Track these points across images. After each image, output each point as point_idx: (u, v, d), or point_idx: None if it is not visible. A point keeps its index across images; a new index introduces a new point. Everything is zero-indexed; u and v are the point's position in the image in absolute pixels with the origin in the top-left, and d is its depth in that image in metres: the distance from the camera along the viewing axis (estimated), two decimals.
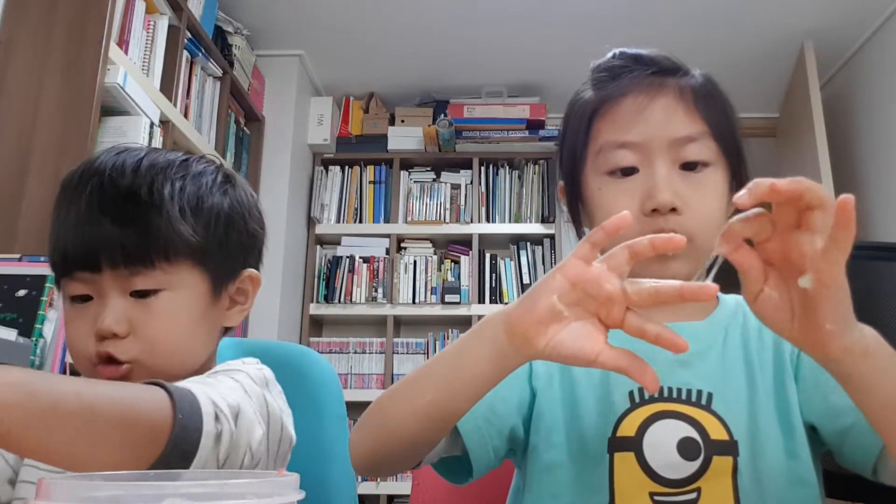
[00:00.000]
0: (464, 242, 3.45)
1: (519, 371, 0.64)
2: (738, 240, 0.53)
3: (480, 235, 3.41)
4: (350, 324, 3.44)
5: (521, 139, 3.45)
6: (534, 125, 3.43)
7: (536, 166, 3.52)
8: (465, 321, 3.33)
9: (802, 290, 0.52)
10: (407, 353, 3.31)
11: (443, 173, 3.53)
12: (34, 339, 1.35)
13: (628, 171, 0.76)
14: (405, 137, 3.51)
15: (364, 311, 3.33)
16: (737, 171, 0.79)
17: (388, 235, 3.41)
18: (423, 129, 3.42)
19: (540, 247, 3.41)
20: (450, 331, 3.35)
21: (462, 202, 3.47)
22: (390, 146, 3.52)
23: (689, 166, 0.75)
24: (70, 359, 0.75)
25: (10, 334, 1.27)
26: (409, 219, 3.44)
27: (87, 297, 0.73)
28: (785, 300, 0.54)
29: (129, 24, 2.07)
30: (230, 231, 0.78)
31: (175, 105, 2.30)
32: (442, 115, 3.43)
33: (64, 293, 0.74)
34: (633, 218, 0.58)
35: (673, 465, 0.71)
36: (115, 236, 0.71)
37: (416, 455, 0.69)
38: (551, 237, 3.40)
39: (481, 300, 3.32)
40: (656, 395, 0.74)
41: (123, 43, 2.04)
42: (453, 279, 3.35)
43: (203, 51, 2.58)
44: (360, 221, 3.47)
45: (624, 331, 0.56)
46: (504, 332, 0.58)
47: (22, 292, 1.39)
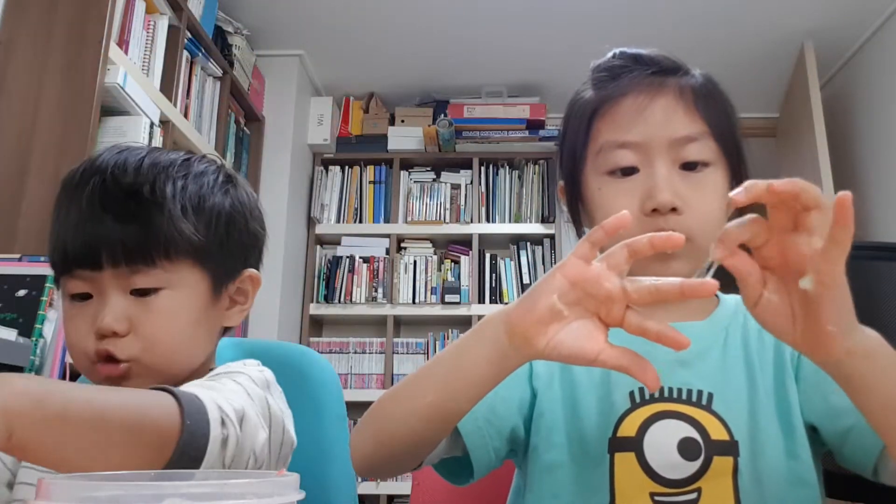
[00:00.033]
0: (464, 242, 3.45)
1: (519, 371, 0.64)
2: (733, 245, 0.52)
3: (480, 235, 3.41)
4: (350, 324, 3.44)
5: (521, 139, 3.45)
6: (534, 125, 3.43)
7: (536, 166, 3.51)
8: (465, 321, 3.33)
9: (803, 293, 0.52)
10: (407, 353, 3.31)
11: (443, 173, 3.53)
12: (34, 339, 1.35)
13: (628, 171, 0.76)
14: (405, 137, 3.51)
15: (364, 311, 3.33)
16: (737, 170, 0.79)
17: (388, 235, 3.41)
18: (423, 129, 3.42)
19: (540, 247, 3.41)
20: (450, 331, 3.34)
21: (462, 202, 3.47)
22: (390, 146, 3.52)
23: (690, 166, 0.75)
24: (70, 359, 0.75)
25: (10, 334, 1.27)
26: (409, 219, 3.44)
27: (86, 296, 0.73)
28: (785, 304, 0.54)
29: (129, 24, 2.07)
30: (231, 230, 0.78)
31: (175, 105, 2.30)
32: (442, 115, 3.42)
33: (63, 291, 0.74)
34: (633, 218, 0.58)
35: (673, 466, 0.71)
36: (116, 234, 0.71)
37: (416, 456, 0.69)
38: (551, 237, 3.39)
39: (481, 300, 3.32)
40: (657, 395, 0.74)
41: (123, 43, 2.03)
42: (453, 279, 3.35)
43: (203, 51, 2.58)
44: (360, 221, 3.47)
45: (624, 329, 0.55)
46: (504, 332, 0.58)
47: (22, 292, 1.39)
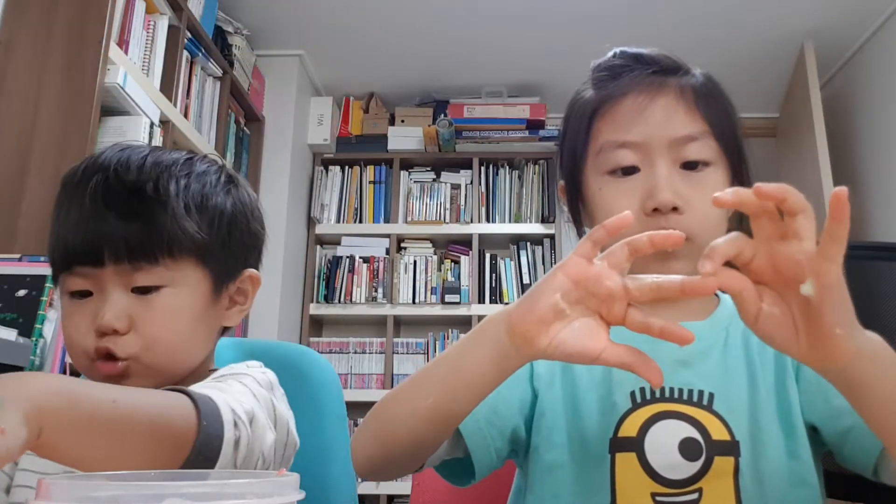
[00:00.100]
0: (464, 242, 3.45)
1: (520, 372, 0.64)
2: (721, 260, 0.51)
3: (480, 235, 3.41)
4: (350, 324, 3.44)
5: (521, 139, 3.45)
6: (534, 125, 3.43)
7: (536, 166, 3.51)
8: (465, 321, 3.33)
9: (803, 302, 0.51)
10: (407, 353, 3.31)
11: (443, 173, 3.53)
12: (34, 339, 1.35)
13: (629, 171, 0.76)
14: (405, 137, 3.51)
15: (364, 311, 3.33)
16: (738, 170, 0.78)
17: (388, 235, 3.41)
18: (423, 129, 3.42)
19: (540, 247, 3.41)
20: (450, 331, 3.34)
21: (462, 202, 3.47)
22: (390, 146, 3.52)
23: (690, 166, 0.75)
24: (70, 359, 0.75)
25: (10, 334, 1.27)
26: (409, 219, 3.44)
27: (86, 293, 0.73)
28: (787, 315, 0.53)
29: (129, 24, 2.07)
30: (233, 230, 0.78)
31: (175, 105, 2.30)
32: (442, 115, 3.42)
33: (62, 289, 0.74)
34: (634, 217, 0.58)
35: (674, 466, 0.71)
36: (119, 231, 0.70)
37: (418, 457, 0.69)
38: (551, 237, 3.39)
39: (481, 300, 3.32)
40: (658, 395, 0.74)
41: (123, 43, 2.03)
42: (453, 279, 3.35)
43: (203, 51, 2.58)
44: (360, 221, 3.47)
45: (627, 326, 0.56)
46: (505, 332, 0.58)
47: (22, 292, 1.39)
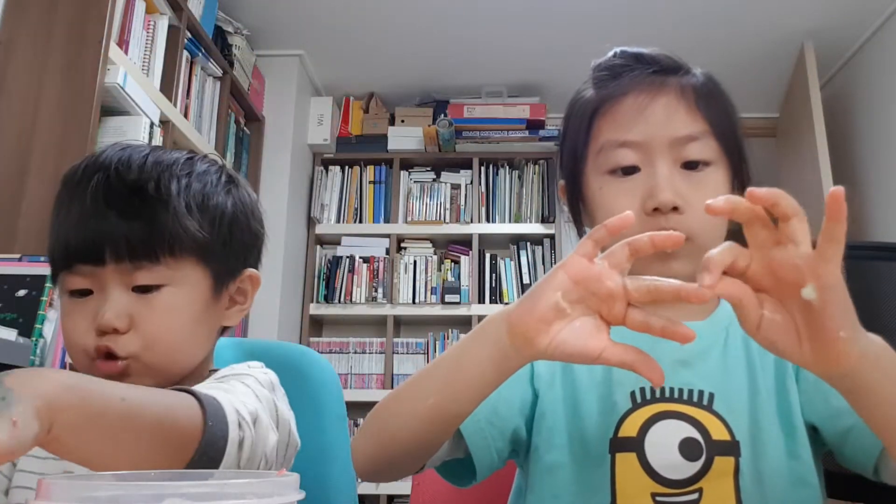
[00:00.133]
0: (464, 242, 3.45)
1: (521, 372, 0.64)
2: (719, 270, 0.51)
3: (480, 235, 3.41)
4: (350, 324, 3.44)
5: (521, 139, 3.45)
6: (534, 125, 3.43)
7: (536, 166, 3.51)
8: (465, 321, 3.33)
9: (804, 307, 0.51)
10: (407, 353, 3.31)
11: (443, 173, 3.53)
12: (34, 339, 1.35)
13: (629, 170, 0.76)
14: (405, 137, 3.51)
15: (364, 311, 3.33)
16: (738, 170, 0.79)
17: (388, 235, 3.41)
18: (423, 129, 3.41)
19: (540, 247, 3.41)
20: (450, 331, 3.34)
21: (462, 202, 3.47)
22: (390, 146, 3.51)
23: (691, 165, 0.75)
24: (70, 359, 0.75)
25: (10, 334, 1.26)
26: (409, 219, 3.44)
27: (86, 292, 0.72)
28: (789, 321, 0.53)
29: (129, 24, 2.07)
30: (234, 229, 0.78)
31: (175, 105, 2.30)
32: (442, 115, 3.42)
33: (62, 287, 0.74)
34: (635, 217, 0.58)
35: (674, 466, 0.71)
36: (120, 229, 0.70)
37: (419, 458, 0.69)
38: (551, 237, 3.39)
39: (481, 300, 3.32)
40: (658, 395, 0.74)
41: (123, 43, 2.03)
42: (453, 279, 3.35)
43: (203, 51, 2.58)
44: (360, 221, 3.47)
45: (628, 326, 0.56)
46: (506, 332, 0.58)
47: (22, 292, 1.39)
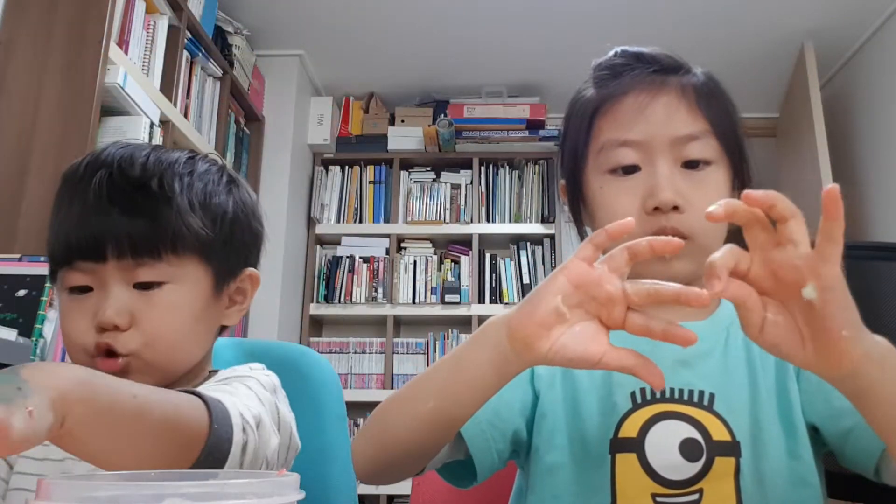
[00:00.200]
0: (464, 242, 3.45)
1: (521, 373, 0.64)
2: (725, 274, 0.51)
3: (480, 235, 3.41)
4: (350, 324, 3.44)
5: (521, 139, 3.44)
6: (534, 125, 3.43)
7: (536, 166, 3.51)
8: (465, 321, 3.33)
9: (806, 308, 0.51)
10: (407, 353, 3.31)
11: (443, 173, 3.52)
12: (34, 339, 1.35)
13: (630, 170, 0.76)
14: (405, 137, 3.50)
15: (364, 311, 3.33)
16: (739, 169, 0.78)
17: (388, 235, 3.41)
18: (423, 129, 3.41)
19: (540, 247, 3.41)
20: (450, 331, 3.34)
21: (462, 202, 3.47)
22: (390, 146, 3.51)
23: (691, 164, 0.75)
24: (69, 357, 0.75)
25: (10, 334, 1.26)
26: (409, 219, 3.44)
27: (86, 289, 0.72)
28: (791, 323, 0.53)
29: (129, 24, 2.07)
30: (235, 228, 0.78)
31: (175, 105, 2.30)
32: (442, 115, 3.42)
33: (61, 284, 0.73)
34: (635, 216, 0.58)
35: (675, 466, 0.71)
36: (122, 226, 0.70)
37: (419, 461, 0.69)
38: (551, 237, 3.39)
39: (481, 300, 3.32)
40: (658, 395, 0.74)
41: (123, 43, 2.03)
42: (453, 279, 3.35)
43: (203, 51, 2.57)
44: (360, 221, 3.47)
45: (627, 330, 0.55)
46: (506, 337, 0.58)
47: (22, 292, 1.39)
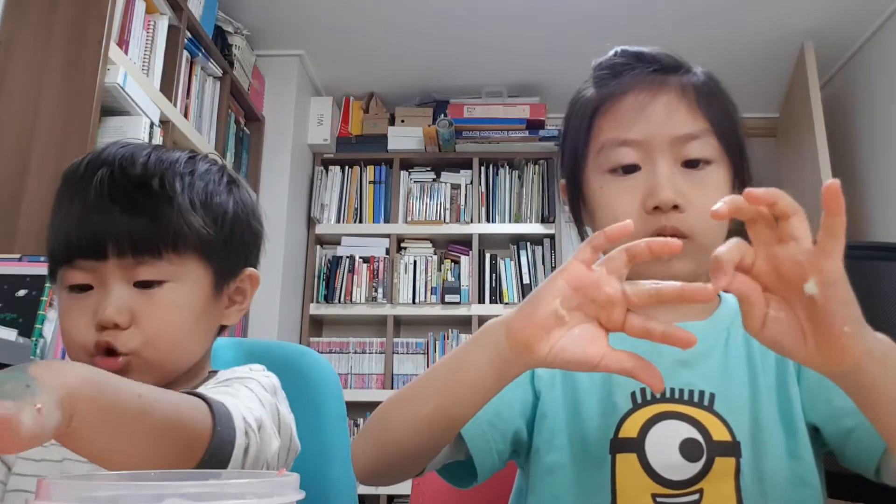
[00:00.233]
0: (464, 242, 3.45)
1: (522, 374, 0.64)
2: (731, 268, 0.51)
3: (480, 235, 3.41)
4: (350, 324, 3.44)
5: (521, 139, 3.44)
6: (534, 125, 3.43)
7: (536, 166, 3.51)
8: (465, 321, 3.33)
9: (808, 304, 0.51)
10: (407, 353, 3.31)
11: (443, 173, 3.52)
12: (34, 339, 1.35)
13: (630, 169, 0.76)
14: (405, 137, 3.50)
15: (364, 311, 3.33)
16: (739, 168, 0.78)
17: (388, 235, 3.41)
18: (423, 129, 3.41)
19: (540, 247, 3.41)
20: (450, 331, 3.34)
21: (462, 202, 3.47)
22: (390, 146, 3.51)
23: (691, 164, 0.75)
24: (68, 356, 0.75)
25: (10, 334, 1.26)
26: (409, 219, 3.44)
27: (86, 287, 0.72)
28: (793, 319, 0.53)
29: (129, 24, 2.07)
30: (235, 228, 0.78)
31: (175, 105, 2.30)
32: (442, 115, 3.42)
33: (61, 283, 0.73)
34: (635, 215, 0.58)
35: (675, 467, 0.71)
36: (123, 224, 0.70)
37: (419, 462, 0.69)
38: (551, 237, 3.39)
39: (481, 300, 3.32)
40: (658, 396, 0.74)
41: (123, 43, 2.03)
42: (453, 279, 3.35)
43: (203, 51, 2.57)
44: (360, 221, 3.46)
45: (626, 332, 0.55)
46: (506, 338, 0.58)
47: (22, 292, 1.39)
